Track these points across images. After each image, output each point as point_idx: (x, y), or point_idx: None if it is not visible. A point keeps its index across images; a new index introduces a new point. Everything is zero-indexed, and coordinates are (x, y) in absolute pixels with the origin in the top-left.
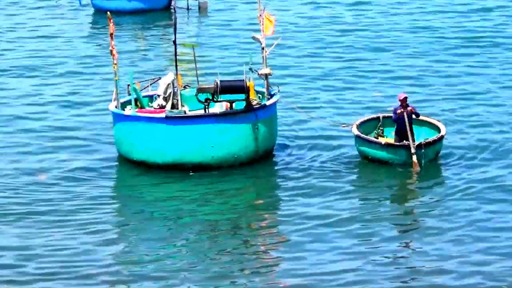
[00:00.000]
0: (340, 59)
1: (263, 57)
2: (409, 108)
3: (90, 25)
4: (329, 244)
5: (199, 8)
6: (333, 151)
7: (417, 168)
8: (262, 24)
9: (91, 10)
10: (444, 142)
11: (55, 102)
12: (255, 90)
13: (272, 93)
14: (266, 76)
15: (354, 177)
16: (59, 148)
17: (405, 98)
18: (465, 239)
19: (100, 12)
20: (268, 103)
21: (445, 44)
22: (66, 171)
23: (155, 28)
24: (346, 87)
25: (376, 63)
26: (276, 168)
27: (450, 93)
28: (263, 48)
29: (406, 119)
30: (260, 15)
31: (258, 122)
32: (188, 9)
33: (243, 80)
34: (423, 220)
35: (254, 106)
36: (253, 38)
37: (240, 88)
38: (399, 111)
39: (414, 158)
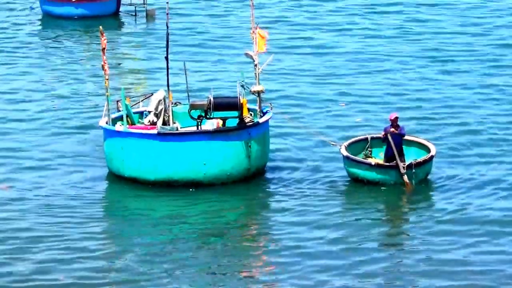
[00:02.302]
0: (332, 76)
1: (255, 74)
2: (391, 129)
3: (41, 29)
4: (319, 263)
5: (147, 15)
6: (324, 170)
7: (410, 188)
8: (255, 41)
9: (40, 15)
10: (434, 162)
11: (40, 115)
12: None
13: (265, 110)
14: (259, 93)
15: (344, 196)
16: (47, 165)
17: (396, 118)
18: (455, 261)
19: (49, 17)
20: (261, 120)
21: (437, 63)
22: (55, 188)
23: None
24: (336, 104)
25: (368, 81)
26: (267, 186)
27: (440, 112)
28: (255, 65)
29: (391, 140)
30: (253, 32)
31: (251, 139)
32: (135, 15)
33: (237, 97)
34: (412, 241)
35: (247, 124)
36: (246, 54)
37: (234, 105)
38: (383, 133)
39: (405, 178)
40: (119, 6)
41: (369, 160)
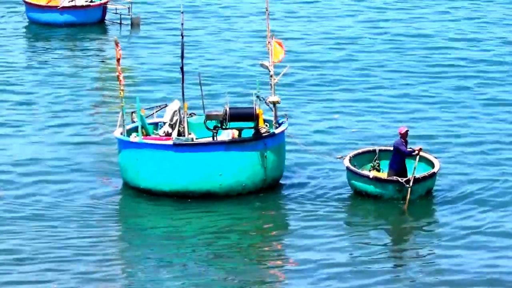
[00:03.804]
0: (345, 88)
1: (271, 84)
2: (419, 147)
3: (26, 36)
4: (328, 280)
5: (132, 23)
6: (340, 182)
7: (406, 204)
8: (271, 51)
9: (26, 22)
10: (439, 179)
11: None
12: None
13: (280, 121)
14: (274, 104)
15: (357, 211)
16: (61, 176)
17: (406, 132)
18: (457, 278)
19: (34, 24)
20: (276, 131)
21: (447, 77)
22: (68, 200)
23: (87, 41)
24: (350, 117)
25: (381, 93)
26: (282, 198)
27: (446, 128)
28: (271, 76)
29: (418, 157)
30: (268, 42)
31: (267, 150)
32: (120, 23)
33: (253, 107)
34: (417, 259)
35: (263, 134)
36: (261, 65)
37: (249, 115)
38: (417, 148)
39: (408, 193)
40: (105, 14)
41: (368, 173)
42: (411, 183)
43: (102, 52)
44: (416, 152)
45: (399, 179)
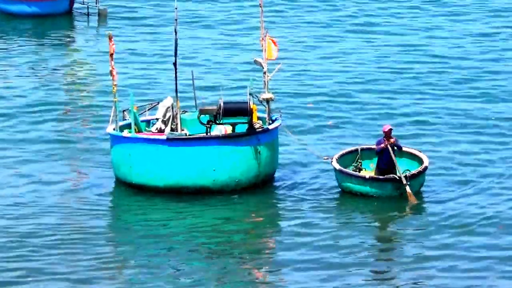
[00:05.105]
0: (338, 87)
1: (264, 81)
2: (392, 140)
3: None
4: (322, 277)
5: (99, 14)
6: (332, 180)
7: (413, 199)
8: (264, 48)
9: None
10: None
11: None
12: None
13: (274, 118)
14: (268, 101)
15: (350, 209)
16: (49, 174)
17: (390, 130)
18: (453, 273)
19: (1, 15)
20: (270, 127)
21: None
22: (60, 196)
23: (54, 32)
24: (341, 116)
25: (375, 94)
26: (275, 194)
27: (434, 123)
28: (264, 73)
29: (391, 151)
30: (262, 39)
31: (260, 146)
32: (88, 15)
33: (247, 102)
34: (409, 253)
35: (257, 129)
36: (255, 62)
37: (243, 110)
38: (383, 144)
39: (408, 189)
40: (72, 5)
41: (363, 174)
42: (405, 180)
43: (70, 44)
44: (385, 144)
45: (396, 176)
